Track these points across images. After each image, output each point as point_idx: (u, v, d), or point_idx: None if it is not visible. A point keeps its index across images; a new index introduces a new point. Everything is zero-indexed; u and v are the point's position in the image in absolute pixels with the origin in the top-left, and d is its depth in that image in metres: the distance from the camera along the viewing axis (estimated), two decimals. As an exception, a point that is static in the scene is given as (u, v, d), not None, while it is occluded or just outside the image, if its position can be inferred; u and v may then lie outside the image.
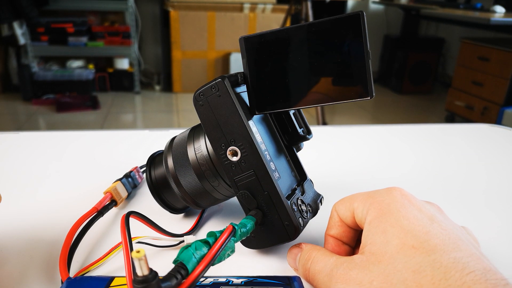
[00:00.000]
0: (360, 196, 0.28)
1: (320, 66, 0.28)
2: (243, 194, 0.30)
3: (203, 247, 0.20)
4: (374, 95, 0.27)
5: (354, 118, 2.87)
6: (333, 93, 0.29)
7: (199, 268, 0.18)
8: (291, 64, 0.29)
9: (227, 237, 0.21)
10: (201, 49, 3.14)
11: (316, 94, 0.29)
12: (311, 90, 0.29)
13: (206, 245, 0.20)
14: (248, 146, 0.29)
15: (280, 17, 3.14)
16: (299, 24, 0.28)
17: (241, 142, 0.29)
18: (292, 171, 0.35)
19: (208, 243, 0.20)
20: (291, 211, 0.29)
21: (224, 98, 0.28)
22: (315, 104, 0.30)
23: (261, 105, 0.31)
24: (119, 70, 3.22)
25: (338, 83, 0.28)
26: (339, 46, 0.27)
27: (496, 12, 2.64)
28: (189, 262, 0.18)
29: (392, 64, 3.51)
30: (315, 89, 0.29)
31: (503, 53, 2.37)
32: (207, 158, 0.32)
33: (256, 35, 0.30)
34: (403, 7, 3.48)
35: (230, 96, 0.28)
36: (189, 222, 0.37)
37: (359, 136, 0.62)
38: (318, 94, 0.29)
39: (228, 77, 0.29)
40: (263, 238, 0.31)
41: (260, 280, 0.26)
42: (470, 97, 2.61)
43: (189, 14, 3.05)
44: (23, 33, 2.92)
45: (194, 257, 0.19)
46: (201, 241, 0.20)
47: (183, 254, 0.19)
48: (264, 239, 0.31)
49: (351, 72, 0.28)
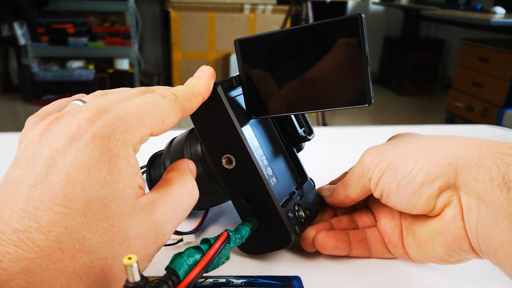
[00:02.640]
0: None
1: (317, 71, 0.28)
2: (239, 202, 0.30)
3: (196, 254, 0.19)
4: (373, 102, 0.26)
5: (354, 119, 2.86)
6: (330, 99, 0.28)
7: (191, 275, 0.18)
8: (287, 68, 0.28)
9: (221, 245, 0.21)
10: (201, 50, 3.13)
11: (312, 100, 0.28)
12: (307, 95, 0.28)
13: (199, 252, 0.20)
14: (242, 156, 0.28)
15: (280, 18, 3.13)
16: (295, 27, 0.28)
17: (236, 151, 0.29)
18: (292, 173, 0.35)
19: (201, 250, 0.20)
20: (286, 220, 0.29)
21: (218, 107, 0.28)
22: (312, 110, 0.29)
23: (257, 110, 0.31)
24: (119, 70, 3.22)
25: (335, 88, 0.27)
26: (337, 50, 0.27)
27: (497, 13, 2.64)
28: (181, 269, 0.18)
29: (392, 65, 3.51)
30: (312, 94, 0.28)
31: (503, 54, 2.37)
32: (203, 164, 0.31)
33: (251, 37, 0.29)
34: (403, 8, 3.48)
35: (223, 105, 0.28)
36: (189, 221, 0.37)
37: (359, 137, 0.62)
38: (315, 99, 0.28)
39: (222, 83, 0.29)
40: (259, 244, 0.31)
41: (260, 281, 0.26)
42: (470, 98, 2.60)
43: (189, 14, 3.05)
44: (23, 33, 2.92)
45: (186, 264, 0.18)
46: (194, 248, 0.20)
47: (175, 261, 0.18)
48: (260, 245, 0.31)
49: (349, 78, 0.27)
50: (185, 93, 0.24)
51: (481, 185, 0.24)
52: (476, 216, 0.25)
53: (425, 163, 0.26)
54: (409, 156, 0.27)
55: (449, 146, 0.27)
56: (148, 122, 0.21)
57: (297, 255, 0.33)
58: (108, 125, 0.19)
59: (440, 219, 0.27)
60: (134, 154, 0.20)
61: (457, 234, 0.26)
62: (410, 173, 0.27)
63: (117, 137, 0.19)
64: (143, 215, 0.19)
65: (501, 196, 0.23)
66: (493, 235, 0.23)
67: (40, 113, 0.24)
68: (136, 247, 0.18)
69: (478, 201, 0.24)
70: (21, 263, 0.16)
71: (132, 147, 0.20)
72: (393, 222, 0.31)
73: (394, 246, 0.31)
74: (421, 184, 0.27)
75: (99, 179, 0.18)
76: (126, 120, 0.20)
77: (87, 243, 0.17)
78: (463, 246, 0.26)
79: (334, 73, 0.27)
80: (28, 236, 0.16)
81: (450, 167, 0.26)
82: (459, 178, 0.26)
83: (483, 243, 0.24)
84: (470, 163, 0.25)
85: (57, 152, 0.18)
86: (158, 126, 0.21)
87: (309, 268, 0.32)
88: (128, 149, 0.19)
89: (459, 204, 0.26)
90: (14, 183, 0.18)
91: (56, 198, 0.17)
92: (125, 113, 0.20)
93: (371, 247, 0.32)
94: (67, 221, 0.17)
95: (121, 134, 0.19)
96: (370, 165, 0.29)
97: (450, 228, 0.26)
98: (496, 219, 0.23)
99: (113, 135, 0.19)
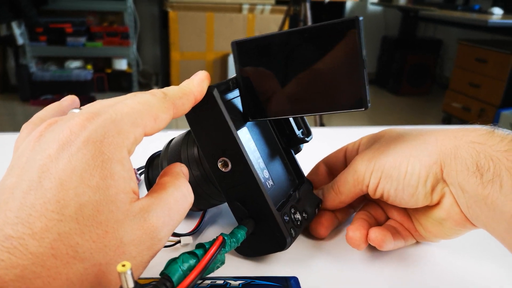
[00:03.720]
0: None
1: (313, 74, 0.27)
2: (235, 205, 0.30)
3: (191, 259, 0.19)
4: (370, 106, 0.26)
5: (351, 119, 2.86)
6: (327, 103, 0.28)
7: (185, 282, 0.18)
8: (284, 71, 0.28)
9: (216, 250, 0.21)
10: (199, 50, 3.13)
11: (309, 103, 0.28)
12: (303, 99, 0.28)
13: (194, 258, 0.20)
14: (238, 159, 0.28)
15: (278, 18, 3.13)
16: (292, 29, 0.27)
17: (231, 154, 0.28)
18: (289, 175, 0.35)
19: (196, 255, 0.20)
20: (281, 223, 0.29)
21: (213, 110, 0.28)
22: (308, 113, 0.29)
23: (254, 112, 0.31)
24: (118, 70, 3.21)
25: (332, 92, 0.27)
26: (333, 53, 0.26)
27: (494, 14, 2.64)
28: (175, 275, 0.18)
29: (390, 65, 3.51)
30: (308, 98, 0.28)
31: (501, 55, 2.37)
32: (200, 166, 0.31)
33: (248, 39, 0.29)
34: (401, 8, 3.48)
35: (219, 108, 0.28)
36: (187, 223, 0.37)
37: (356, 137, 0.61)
38: (311, 102, 0.28)
39: (218, 86, 0.28)
40: (255, 247, 0.31)
41: (258, 282, 0.26)
42: (467, 99, 2.61)
43: (188, 15, 3.05)
44: (22, 33, 2.91)
45: (180, 270, 0.18)
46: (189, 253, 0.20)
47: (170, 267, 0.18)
48: (256, 248, 0.31)
49: (345, 81, 0.26)
50: (175, 92, 0.24)
51: (460, 175, 0.28)
52: (464, 201, 0.28)
53: (415, 167, 0.29)
54: (399, 162, 0.30)
55: (430, 145, 0.30)
56: (140, 122, 0.20)
57: (294, 256, 0.33)
58: (100, 129, 0.19)
59: (441, 208, 0.30)
60: (128, 157, 0.20)
61: (459, 218, 0.29)
62: (404, 179, 0.30)
63: (109, 140, 0.19)
64: (138, 220, 0.19)
65: (476, 182, 0.27)
66: (480, 216, 0.28)
67: (34, 119, 0.24)
68: (131, 253, 0.18)
69: (461, 188, 0.28)
70: (15, 270, 0.16)
71: (126, 149, 0.20)
72: (403, 212, 0.34)
73: (413, 232, 0.34)
74: (415, 186, 0.30)
75: (92, 184, 0.18)
76: (117, 122, 0.20)
77: (80, 250, 0.17)
78: (466, 225, 0.30)
79: (331, 76, 0.27)
80: (22, 243, 0.16)
81: (436, 165, 0.29)
82: (444, 172, 0.29)
83: (476, 222, 0.29)
84: (450, 156, 0.29)
85: (50, 158, 0.18)
86: (150, 125, 0.21)
87: (306, 269, 0.32)
88: (122, 152, 0.19)
89: (451, 194, 0.29)
90: (8, 190, 0.18)
91: (49, 204, 0.17)
92: (116, 114, 0.20)
93: (403, 235, 0.34)
94: (60, 227, 0.17)
95: (114, 137, 0.19)
96: (365, 174, 0.32)
97: (451, 214, 0.30)
98: (477, 202, 0.27)
99: (106, 139, 0.19)
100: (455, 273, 0.32)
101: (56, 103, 0.26)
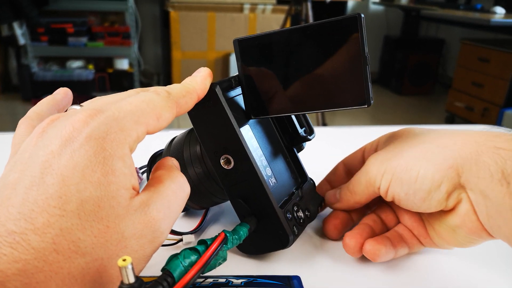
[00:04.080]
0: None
1: (316, 71, 0.27)
2: (237, 202, 0.30)
3: (192, 255, 0.19)
4: (372, 103, 0.26)
5: (354, 119, 2.86)
6: (329, 100, 0.27)
7: (187, 277, 0.18)
8: (286, 68, 0.28)
9: (217, 246, 0.21)
10: (201, 50, 3.13)
11: (311, 100, 0.28)
12: (306, 96, 0.28)
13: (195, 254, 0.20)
14: (240, 156, 0.28)
15: (280, 17, 3.13)
16: (294, 27, 0.27)
17: (234, 151, 0.28)
18: (292, 173, 0.35)
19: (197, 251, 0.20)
20: (284, 221, 0.29)
21: (216, 107, 0.28)
22: (311, 110, 0.29)
23: (256, 110, 0.30)
24: (119, 70, 3.21)
25: (334, 89, 0.27)
26: (335, 51, 0.26)
27: (496, 13, 2.64)
28: (176, 270, 0.18)
29: (392, 65, 3.51)
30: (311, 95, 0.28)
31: (503, 54, 2.37)
32: (202, 164, 0.31)
33: (250, 37, 0.29)
34: (403, 8, 3.47)
35: (221, 105, 0.28)
36: (189, 221, 0.37)
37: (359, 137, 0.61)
38: (314, 100, 0.28)
39: (220, 83, 0.28)
40: (258, 245, 0.31)
41: (260, 281, 0.26)
42: (470, 98, 2.60)
43: (189, 14, 3.05)
44: (23, 33, 2.92)
45: (181, 266, 0.18)
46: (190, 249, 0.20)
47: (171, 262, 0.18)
48: (258, 246, 0.31)
49: (348, 78, 0.26)
50: (178, 90, 0.24)
51: (482, 182, 0.26)
52: (484, 210, 0.26)
53: (428, 170, 0.28)
54: (411, 166, 0.29)
55: (447, 148, 0.28)
56: (143, 120, 0.21)
57: (297, 255, 0.33)
58: (102, 125, 0.19)
59: (456, 214, 0.28)
60: (130, 154, 0.20)
61: (473, 227, 0.28)
62: (416, 183, 0.28)
63: (112, 137, 0.19)
64: (139, 214, 0.19)
65: (502, 190, 0.25)
66: (502, 226, 0.25)
67: (30, 114, 0.24)
68: (132, 247, 0.18)
69: (483, 196, 0.26)
70: (17, 264, 0.16)
71: (128, 146, 0.20)
72: (416, 216, 0.33)
73: (424, 238, 0.32)
74: (428, 191, 0.28)
75: (93, 180, 0.18)
76: (120, 119, 0.20)
77: (82, 245, 0.17)
78: (481, 235, 0.28)
79: (333, 73, 0.27)
80: (24, 238, 0.16)
81: (452, 169, 0.27)
82: (462, 177, 0.27)
83: (496, 233, 0.27)
84: (470, 162, 0.26)
85: (52, 154, 0.18)
86: (153, 124, 0.21)
87: (309, 268, 0.32)
88: (123, 148, 0.19)
89: (469, 200, 0.27)
90: (11, 185, 0.18)
91: (51, 200, 0.17)
92: (119, 112, 0.20)
93: (408, 243, 0.33)
94: (62, 223, 0.17)
95: (116, 134, 0.19)
96: (376, 175, 0.31)
97: (466, 222, 0.28)
98: (501, 212, 0.25)
99: (108, 135, 0.19)
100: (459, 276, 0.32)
101: (49, 96, 0.26)
